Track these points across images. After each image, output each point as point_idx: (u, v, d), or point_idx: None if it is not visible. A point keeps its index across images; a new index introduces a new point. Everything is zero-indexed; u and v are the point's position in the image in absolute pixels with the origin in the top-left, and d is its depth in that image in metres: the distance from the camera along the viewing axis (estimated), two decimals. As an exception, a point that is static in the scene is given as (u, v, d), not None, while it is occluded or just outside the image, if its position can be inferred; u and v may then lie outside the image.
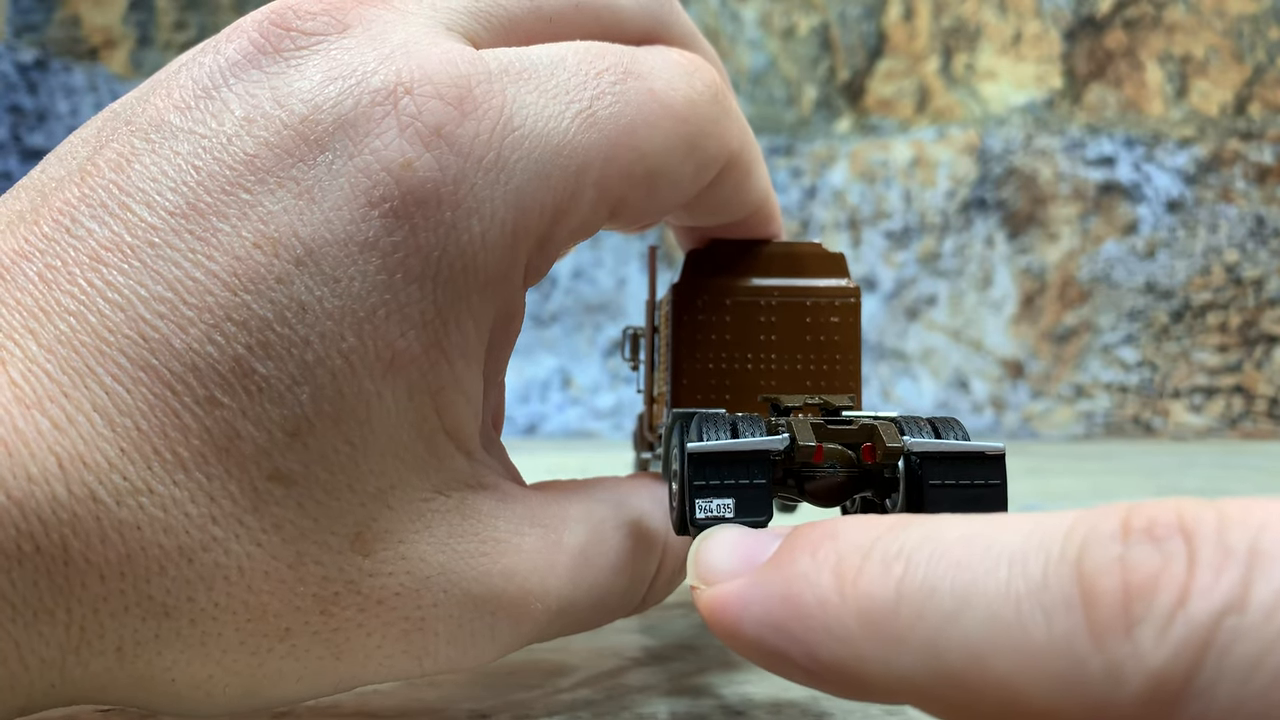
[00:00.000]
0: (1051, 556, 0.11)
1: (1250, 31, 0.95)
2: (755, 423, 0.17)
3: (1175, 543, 0.11)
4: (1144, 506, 0.11)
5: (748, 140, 0.22)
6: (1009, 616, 0.11)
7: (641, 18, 0.22)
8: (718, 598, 0.14)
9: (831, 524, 0.14)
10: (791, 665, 0.13)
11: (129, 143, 0.17)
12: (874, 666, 0.12)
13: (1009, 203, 0.95)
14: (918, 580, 0.12)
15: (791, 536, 0.14)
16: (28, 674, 0.15)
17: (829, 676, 0.13)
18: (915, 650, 0.12)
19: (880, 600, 0.12)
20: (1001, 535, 0.12)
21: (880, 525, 0.13)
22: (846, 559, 0.13)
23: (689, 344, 0.22)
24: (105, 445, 0.15)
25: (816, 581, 0.13)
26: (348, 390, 0.17)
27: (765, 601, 0.13)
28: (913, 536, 0.13)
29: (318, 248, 0.16)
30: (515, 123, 0.18)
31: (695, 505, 0.16)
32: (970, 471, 0.17)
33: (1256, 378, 0.93)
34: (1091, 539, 0.11)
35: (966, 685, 0.11)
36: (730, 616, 0.14)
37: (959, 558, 0.12)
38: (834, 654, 0.13)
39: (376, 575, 0.17)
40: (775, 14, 0.97)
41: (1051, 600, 0.11)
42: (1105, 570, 0.11)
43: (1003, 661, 0.11)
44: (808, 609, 0.13)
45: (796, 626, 0.13)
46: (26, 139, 0.95)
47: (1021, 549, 0.11)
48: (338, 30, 0.18)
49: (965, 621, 0.11)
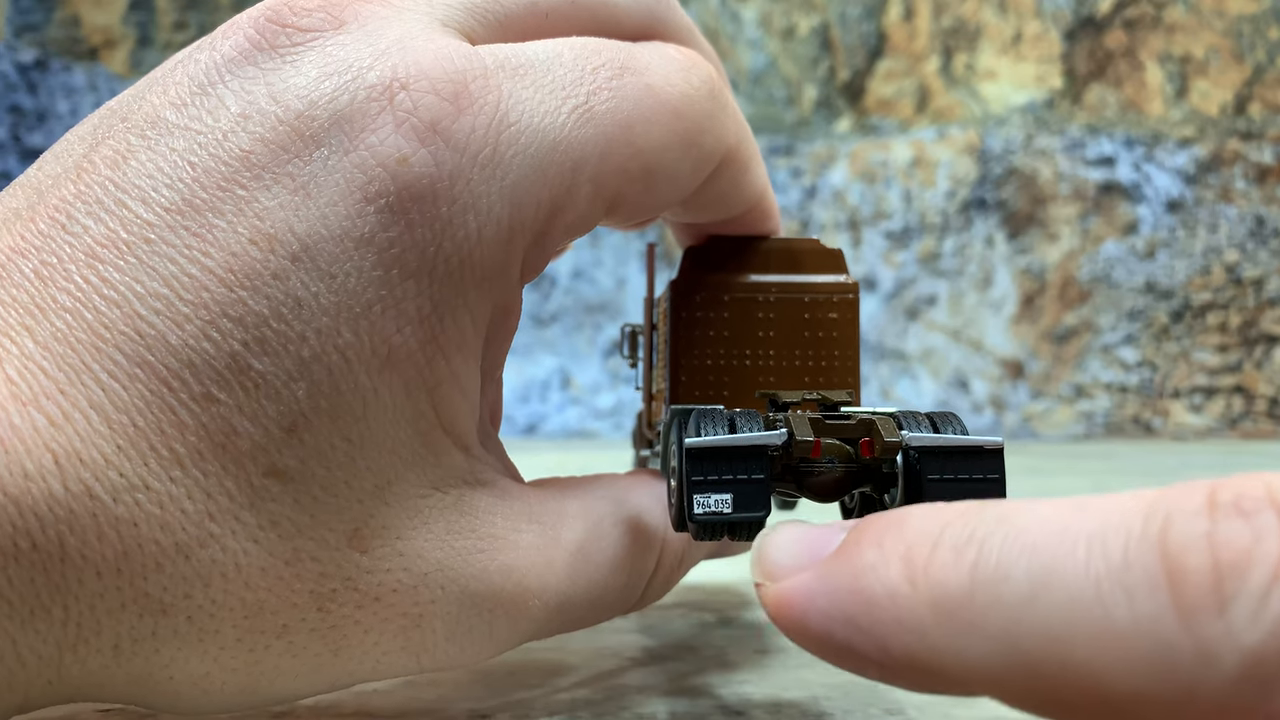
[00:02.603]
0: (1133, 535, 0.11)
1: (1250, 31, 0.95)
2: (753, 418, 0.17)
3: (1267, 516, 0.10)
4: (1230, 481, 0.11)
5: (745, 136, 0.22)
6: (1089, 599, 0.11)
7: (638, 14, 0.22)
8: (783, 593, 0.14)
9: (898, 514, 0.13)
10: (862, 659, 0.13)
11: (125, 139, 0.17)
12: (948, 657, 0.12)
13: (1009, 203, 0.95)
14: (991, 565, 0.12)
15: (857, 528, 0.14)
16: (25, 671, 0.15)
17: (901, 669, 0.12)
18: (991, 638, 0.11)
19: (953, 588, 0.12)
20: (1077, 517, 0.11)
21: (950, 512, 0.13)
22: (915, 547, 0.12)
23: (687, 340, 0.22)
24: (101, 442, 0.15)
25: (885, 573, 0.13)
26: (344, 386, 0.17)
27: (832, 595, 0.13)
28: (984, 522, 0.12)
29: (314, 243, 0.16)
30: (511, 118, 0.18)
31: (694, 501, 0.16)
32: (969, 465, 0.17)
33: (1256, 378, 0.93)
34: (1176, 515, 0.11)
35: (1046, 672, 0.11)
36: (796, 612, 0.13)
37: (1033, 541, 0.11)
38: (906, 646, 0.12)
39: (374, 572, 0.17)
40: (775, 14, 0.97)
41: (1135, 580, 0.10)
42: (1192, 547, 0.10)
43: (1083, 646, 0.11)
44: (877, 600, 0.13)
45: (866, 619, 0.13)
46: (26, 139, 0.95)
47: (1100, 529, 0.11)
48: (333, 26, 0.18)
49: (1042, 606, 0.11)
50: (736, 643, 0.26)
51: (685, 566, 0.23)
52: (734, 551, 0.27)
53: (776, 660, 0.25)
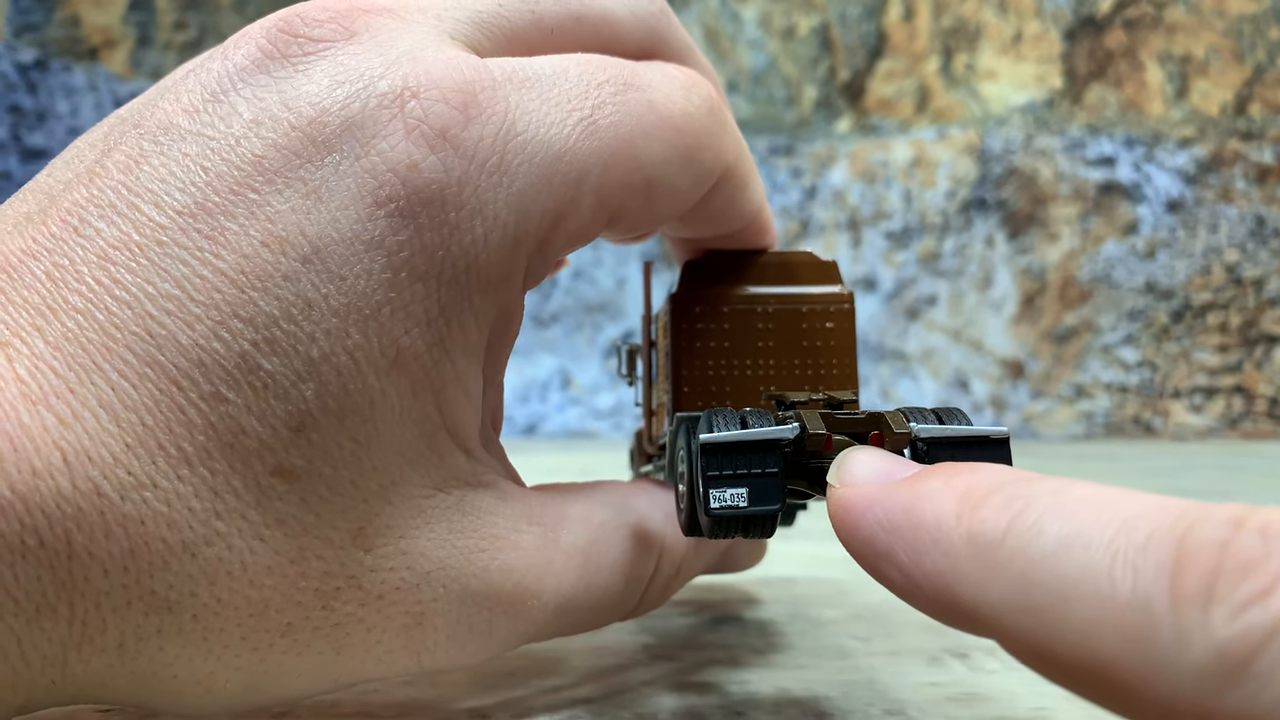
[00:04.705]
0: (1160, 526, 0.12)
1: (1250, 31, 0.95)
2: (764, 415, 0.18)
3: None
4: (1267, 510, 0.11)
5: (743, 154, 0.23)
6: (1101, 567, 0.12)
7: (639, 32, 0.22)
8: (848, 496, 0.15)
9: (971, 465, 0.15)
10: (893, 567, 0.14)
11: (138, 145, 0.17)
12: (968, 588, 0.13)
13: (1009, 203, 0.95)
14: (1030, 520, 0.13)
15: (933, 466, 0.15)
16: (29, 670, 0.15)
17: (925, 586, 0.14)
18: (1009, 581, 0.12)
19: (991, 529, 0.13)
20: (1122, 502, 0.12)
21: (1016, 475, 0.14)
22: (975, 490, 0.14)
23: (688, 351, 0.23)
24: (110, 440, 0.15)
25: (940, 503, 0.14)
26: (352, 386, 0.17)
27: (889, 507, 0.15)
28: (1042, 488, 0.13)
29: (324, 246, 0.17)
30: (518, 128, 0.18)
31: (710, 495, 0.17)
32: (976, 455, 0.17)
33: (1257, 378, 0.93)
34: (1203, 521, 0.11)
35: (1047, 624, 0.12)
36: (855, 514, 0.15)
37: (1074, 510, 0.12)
38: (936, 566, 0.14)
39: (377, 570, 0.17)
40: (775, 14, 0.97)
41: (1145, 562, 0.11)
42: (1205, 548, 0.11)
43: (1085, 607, 0.12)
44: (924, 521, 0.14)
45: (909, 534, 0.14)
46: (26, 139, 0.95)
47: (1135, 515, 0.12)
48: (344, 37, 0.18)
49: (1060, 563, 0.12)
50: (737, 642, 0.27)
51: (683, 576, 0.23)
52: (732, 568, 0.27)
53: (778, 659, 0.25)
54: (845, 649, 0.26)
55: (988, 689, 0.23)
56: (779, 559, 0.27)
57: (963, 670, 0.24)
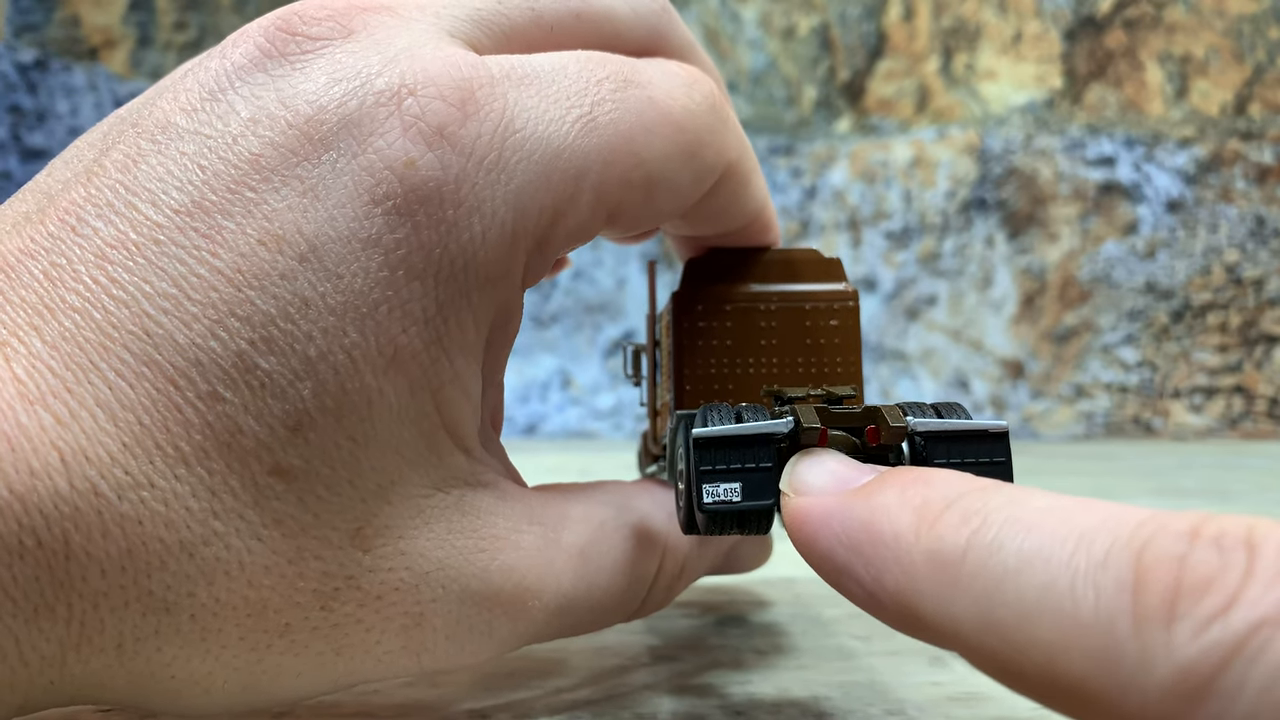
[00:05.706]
0: (1119, 540, 0.12)
1: (1250, 31, 0.95)
2: (759, 410, 0.18)
3: (1238, 554, 0.11)
4: (1221, 518, 0.11)
5: (745, 150, 0.23)
6: (1063, 585, 0.12)
7: (640, 29, 0.22)
8: (804, 506, 0.15)
9: (925, 471, 0.15)
10: (855, 583, 0.14)
11: (135, 144, 0.17)
12: (930, 604, 0.13)
13: (1009, 203, 0.95)
14: (988, 537, 0.13)
15: (887, 473, 0.15)
16: (27, 671, 0.15)
17: (888, 603, 0.14)
18: (971, 599, 0.12)
19: (950, 546, 0.13)
20: (1079, 513, 0.12)
21: (971, 484, 0.14)
22: (930, 504, 0.14)
23: (691, 350, 0.23)
24: (108, 440, 0.15)
25: (897, 516, 0.14)
26: (350, 385, 0.17)
27: (846, 521, 0.14)
28: (997, 500, 0.13)
29: (321, 244, 0.17)
30: (516, 125, 0.18)
31: (703, 490, 0.17)
32: (975, 450, 0.17)
33: (1257, 378, 0.93)
34: (1160, 534, 0.11)
35: (1011, 642, 0.12)
36: (811, 527, 0.15)
37: (1032, 524, 0.12)
38: (897, 583, 0.13)
39: (376, 570, 0.17)
40: (775, 14, 0.97)
41: (1106, 580, 0.11)
42: (1163, 563, 0.11)
43: (1048, 626, 0.12)
44: (883, 537, 0.14)
45: (869, 551, 0.14)
46: (26, 139, 0.95)
47: (1093, 528, 0.12)
48: (342, 35, 0.18)
49: (1022, 581, 0.12)
50: (738, 643, 0.26)
51: (686, 577, 0.23)
52: (737, 569, 0.27)
53: (778, 660, 0.25)
54: (846, 649, 0.26)
55: (988, 689, 0.23)
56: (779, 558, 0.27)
57: (963, 670, 0.24)
